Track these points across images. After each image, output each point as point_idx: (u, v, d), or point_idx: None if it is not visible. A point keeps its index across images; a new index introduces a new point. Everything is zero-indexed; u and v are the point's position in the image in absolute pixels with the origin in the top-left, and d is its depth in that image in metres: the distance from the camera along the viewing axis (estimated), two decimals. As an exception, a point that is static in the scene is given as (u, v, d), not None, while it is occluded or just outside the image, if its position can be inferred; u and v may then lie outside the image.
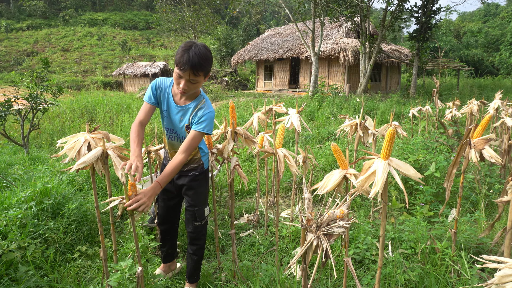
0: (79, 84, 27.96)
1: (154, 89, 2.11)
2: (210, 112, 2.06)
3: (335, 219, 1.33)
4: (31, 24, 47.23)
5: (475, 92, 14.44)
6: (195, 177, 2.30)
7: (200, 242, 2.39)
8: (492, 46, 33.24)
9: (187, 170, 2.29)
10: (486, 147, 2.15)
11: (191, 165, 2.29)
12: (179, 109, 2.10)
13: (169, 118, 2.16)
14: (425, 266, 2.53)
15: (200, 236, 2.38)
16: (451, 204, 3.81)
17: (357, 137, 2.99)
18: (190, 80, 1.92)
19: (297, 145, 3.37)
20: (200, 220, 2.33)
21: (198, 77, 1.92)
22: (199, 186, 2.31)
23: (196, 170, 2.30)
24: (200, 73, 1.90)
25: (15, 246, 2.39)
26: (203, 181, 2.34)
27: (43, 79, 5.52)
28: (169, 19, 19.12)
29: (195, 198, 2.30)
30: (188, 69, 1.86)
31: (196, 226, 2.33)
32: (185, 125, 2.11)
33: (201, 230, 2.37)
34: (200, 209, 2.32)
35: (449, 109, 5.65)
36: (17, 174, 3.93)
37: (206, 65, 1.90)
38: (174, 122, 2.15)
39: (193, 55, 1.84)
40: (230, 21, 48.36)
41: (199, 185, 2.31)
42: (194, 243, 2.38)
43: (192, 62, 1.84)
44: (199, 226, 2.35)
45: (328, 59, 17.29)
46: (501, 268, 1.14)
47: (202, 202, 2.34)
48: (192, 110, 2.08)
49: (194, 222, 2.32)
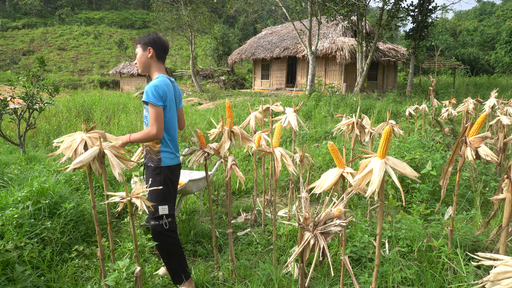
0: (76, 83, 27.81)
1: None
2: (152, 83, 2.24)
3: (332, 217, 1.34)
4: (27, 23, 46.91)
5: (471, 91, 14.50)
6: (151, 170, 2.32)
7: (162, 245, 2.32)
8: (487, 44, 33.37)
9: (146, 160, 2.37)
10: (482, 145, 2.16)
11: (149, 154, 2.34)
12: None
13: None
14: (421, 264, 2.54)
15: (159, 237, 2.31)
16: (447, 202, 3.83)
17: (354, 136, 3.00)
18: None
19: (294, 144, 3.37)
20: (156, 219, 2.28)
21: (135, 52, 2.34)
22: (153, 180, 2.29)
23: (152, 162, 2.32)
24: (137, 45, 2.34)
25: (11, 246, 2.38)
26: (158, 177, 2.31)
27: (39, 78, 5.49)
28: (166, 18, 19.03)
29: (149, 192, 2.27)
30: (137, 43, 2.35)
31: (152, 225, 2.29)
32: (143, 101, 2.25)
33: (158, 230, 2.29)
34: (154, 206, 2.26)
35: (445, 108, 5.68)
36: (13, 173, 3.91)
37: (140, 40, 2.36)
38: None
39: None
40: (227, 20, 48.25)
41: (153, 179, 2.30)
42: (157, 246, 2.33)
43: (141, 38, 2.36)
44: (155, 226, 2.29)
45: (325, 58, 17.30)
46: (496, 265, 1.15)
47: (154, 198, 2.29)
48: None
49: (150, 220, 2.30)
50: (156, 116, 2.17)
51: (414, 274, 2.40)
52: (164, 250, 2.33)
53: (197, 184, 3.41)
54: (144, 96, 2.19)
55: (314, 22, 15.11)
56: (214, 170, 3.81)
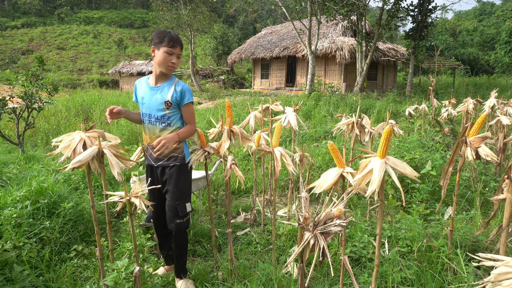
0: (75, 83, 27.79)
1: (134, 88, 2.43)
2: (185, 85, 2.32)
3: (332, 217, 1.33)
4: (26, 22, 46.85)
5: (471, 91, 14.51)
6: (176, 168, 2.32)
7: (182, 243, 2.37)
8: (487, 44, 33.39)
9: (169, 159, 2.32)
10: (482, 145, 2.16)
11: (174, 153, 2.32)
12: (155, 89, 2.27)
13: (147, 103, 2.30)
14: (421, 264, 2.54)
15: (182, 235, 2.36)
16: (447, 202, 3.83)
17: (354, 136, 2.99)
18: (178, 55, 2.22)
19: (294, 143, 3.36)
20: (182, 217, 2.30)
21: (181, 52, 2.25)
22: (180, 178, 2.31)
23: (177, 160, 2.33)
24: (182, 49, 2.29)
25: (10, 246, 2.37)
26: (184, 173, 2.34)
27: (38, 77, 5.47)
28: (166, 17, 19.00)
29: (176, 191, 2.29)
30: (178, 45, 2.20)
31: (178, 224, 2.30)
32: (164, 101, 2.24)
33: (183, 228, 2.34)
34: (182, 204, 2.29)
35: (445, 108, 5.67)
36: (12, 173, 3.90)
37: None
38: (151, 105, 2.27)
39: (176, 35, 2.21)
40: (226, 20, 48.23)
41: (179, 177, 2.31)
42: (176, 245, 2.35)
43: (179, 39, 2.22)
44: (181, 224, 2.31)
45: (325, 58, 17.30)
46: (497, 266, 1.14)
47: (183, 196, 2.31)
48: (169, 87, 2.26)
49: (176, 219, 2.29)
50: (193, 113, 2.37)
51: (414, 274, 2.40)
52: (183, 247, 2.39)
53: (197, 183, 3.40)
54: (186, 96, 2.27)
55: (313, 21, 15.11)
56: (213, 169, 3.80)
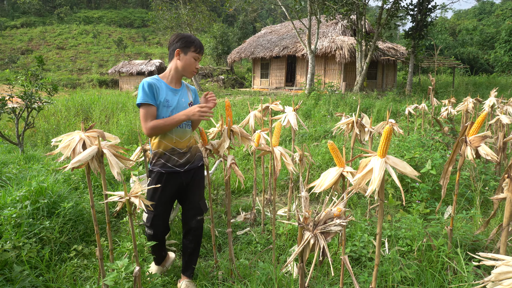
0: (75, 82, 27.77)
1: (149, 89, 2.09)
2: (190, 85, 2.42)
3: (332, 217, 1.33)
4: (26, 22, 46.78)
5: (471, 90, 14.51)
6: (202, 167, 2.43)
7: (200, 238, 2.46)
8: (487, 44, 33.36)
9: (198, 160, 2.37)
10: (482, 145, 2.16)
11: (198, 153, 2.39)
12: (178, 92, 2.26)
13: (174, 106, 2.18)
14: (421, 263, 2.54)
15: (201, 231, 2.45)
16: (447, 201, 3.83)
17: (354, 135, 2.99)
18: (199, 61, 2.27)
19: (294, 143, 3.36)
20: (202, 214, 2.41)
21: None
22: (203, 176, 2.44)
23: (201, 160, 2.41)
24: None
25: (10, 246, 2.37)
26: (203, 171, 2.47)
27: (37, 77, 5.47)
28: (165, 17, 18.99)
29: (200, 189, 2.39)
30: (203, 52, 2.25)
31: (199, 220, 2.39)
32: (188, 103, 2.27)
33: (202, 225, 2.45)
34: (203, 201, 2.42)
35: (445, 107, 5.67)
36: (11, 173, 3.89)
37: None
38: (179, 107, 2.20)
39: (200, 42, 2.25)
40: (226, 19, 48.18)
41: (203, 175, 2.44)
42: (195, 240, 2.42)
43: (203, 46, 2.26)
44: (201, 221, 2.41)
45: (325, 57, 17.28)
46: (498, 266, 1.14)
47: (203, 193, 2.44)
48: (186, 89, 2.32)
49: (197, 216, 2.38)
50: None
51: (414, 273, 2.40)
52: (199, 243, 2.47)
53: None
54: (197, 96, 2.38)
55: (313, 21, 15.11)
56: (213, 169, 3.80)
